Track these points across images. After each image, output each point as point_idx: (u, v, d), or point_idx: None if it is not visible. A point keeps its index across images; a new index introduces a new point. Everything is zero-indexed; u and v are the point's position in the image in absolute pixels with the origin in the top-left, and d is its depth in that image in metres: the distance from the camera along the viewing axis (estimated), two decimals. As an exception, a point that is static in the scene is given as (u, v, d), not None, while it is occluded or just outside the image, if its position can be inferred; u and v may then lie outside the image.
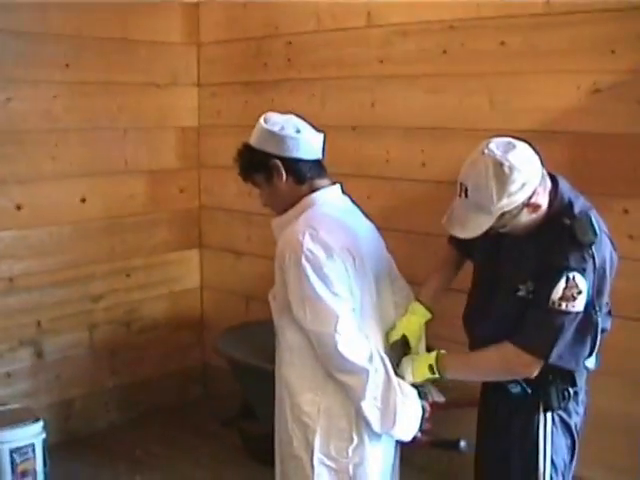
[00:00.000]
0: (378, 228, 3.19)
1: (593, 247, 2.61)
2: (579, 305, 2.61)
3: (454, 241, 3.02)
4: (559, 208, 2.68)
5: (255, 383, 4.52)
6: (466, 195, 2.59)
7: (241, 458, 5.01)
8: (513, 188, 2.52)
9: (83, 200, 5.08)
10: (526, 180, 2.54)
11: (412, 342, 3.01)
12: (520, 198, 2.56)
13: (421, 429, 2.93)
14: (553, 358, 2.67)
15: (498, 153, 2.54)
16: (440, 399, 3.06)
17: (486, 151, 2.56)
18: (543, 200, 2.66)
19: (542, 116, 4.07)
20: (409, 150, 4.58)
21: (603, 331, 2.87)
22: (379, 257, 3.03)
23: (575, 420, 2.97)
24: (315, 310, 2.71)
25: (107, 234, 5.27)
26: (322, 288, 2.69)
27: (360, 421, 2.83)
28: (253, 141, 2.91)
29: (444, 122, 4.39)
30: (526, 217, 2.64)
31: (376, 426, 2.82)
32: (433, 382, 3.01)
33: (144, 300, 5.59)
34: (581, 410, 3.00)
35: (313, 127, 2.96)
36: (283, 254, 2.77)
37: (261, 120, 2.89)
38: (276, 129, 2.85)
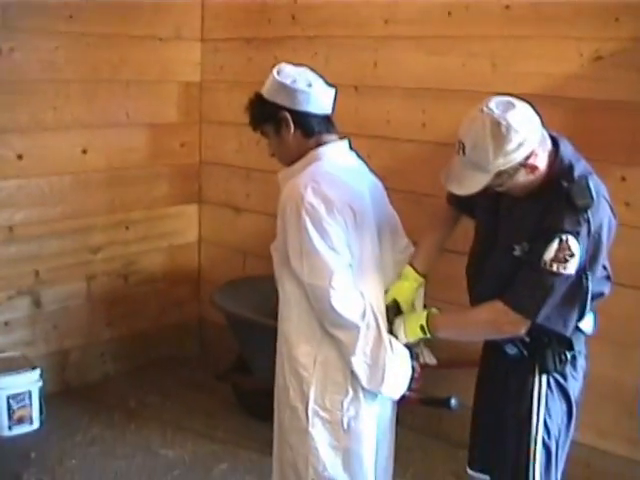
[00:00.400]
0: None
1: (589, 211, 2.60)
2: (570, 268, 2.61)
3: (453, 199, 3.02)
4: (559, 171, 2.68)
5: (250, 337, 4.57)
6: (464, 153, 2.58)
7: (234, 411, 5.07)
8: (510, 147, 2.52)
9: (84, 151, 5.08)
10: (523, 140, 2.54)
11: (403, 307, 3.02)
12: (517, 158, 2.55)
13: (410, 388, 2.96)
14: (540, 318, 2.67)
15: (497, 112, 2.53)
16: (432, 361, 3.07)
17: (485, 109, 2.55)
18: (542, 162, 2.65)
19: (544, 81, 4.07)
20: (410, 111, 4.59)
21: (601, 295, 2.90)
22: (382, 213, 3.04)
23: (572, 385, 2.98)
24: (312, 263, 2.74)
25: (107, 186, 5.29)
26: (320, 242, 2.71)
27: (355, 375, 2.86)
28: (265, 91, 2.91)
29: (446, 84, 4.40)
30: (524, 178, 2.64)
31: (364, 382, 2.85)
32: (426, 342, 3.02)
33: (142, 253, 5.62)
34: (579, 375, 3.01)
35: (325, 82, 2.97)
36: (284, 206, 2.79)
37: (274, 71, 2.89)
38: (288, 82, 2.85)
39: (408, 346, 2.93)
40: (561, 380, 2.93)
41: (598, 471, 4.24)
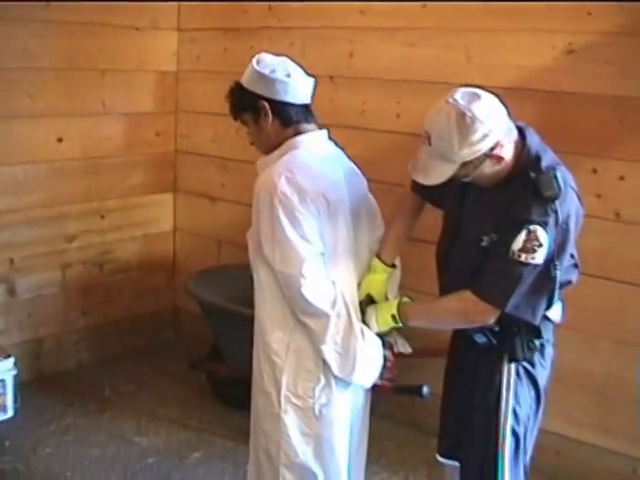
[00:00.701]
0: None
1: (557, 202, 2.62)
2: (538, 258, 2.63)
3: (418, 188, 3.01)
4: (526, 162, 2.70)
5: (224, 325, 4.59)
6: (430, 143, 2.60)
7: (208, 400, 5.08)
8: (475, 138, 2.53)
9: (60, 140, 5.08)
10: (488, 131, 2.55)
11: (377, 299, 3.04)
12: (482, 149, 2.56)
13: (382, 377, 2.99)
14: (509, 307, 2.69)
15: (462, 103, 2.55)
16: (406, 350, 3.10)
17: (450, 100, 2.57)
18: (507, 152, 2.67)
19: (517, 73, 4.11)
20: (385, 102, 4.62)
21: (569, 283, 2.93)
22: (359, 201, 3.05)
23: (541, 373, 3.01)
24: (283, 251, 2.76)
25: (83, 175, 5.28)
26: (292, 231, 2.73)
27: (327, 363, 2.89)
28: (244, 81, 2.93)
29: (421, 75, 4.42)
30: (490, 168, 2.65)
31: (335, 370, 2.87)
32: (399, 331, 3.05)
33: (117, 242, 5.61)
34: (547, 363, 3.04)
35: (305, 72, 2.99)
36: (258, 194, 2.81)
37: (254, 61, 2.91)
38: (267, 71, 2.87)
39: (381, 335, 2.96)
40: (529, 368, 2.96)
41: (568, 458, 4.30)
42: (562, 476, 4.31)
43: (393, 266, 3.12)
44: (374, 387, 3.05)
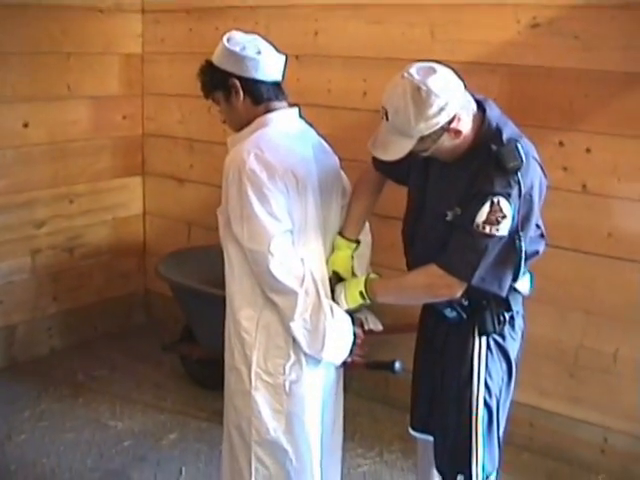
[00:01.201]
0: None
1: (519, 173, 2.62)
2: (503, 229, 2.63)
3: (379, 165, 3.02)
4: (486, 134, 2.70)
5: (195, 307, 4.59)
6: (387, 118, 2.61)
7: (182, 382, 5.09)
8: (431, 112, 2.53)
9: (25, 125, 5.03)
10: (445, 105, 2.55)
11: (344, 276, 3.05)
12: (439, 122, 2.56)
13: (351, 354, 2.99)
14: (475, 280, 2.70)
15: (417, 77, 2.55)
16: (377, 327, 3.10)
17: (406, 75, 2.57)
18: (466, 126, 2.67)
19: (482, 48, 4.12)
20: (351, 80, 4.62)
21: (536, 253, 2.95)
22: (330, 178, 3.05)
23: (511, 345, 3.03)
24: (251, 228, 2.76)
25: (50, 160, 5.24)
26: (260, 208, 2.73)
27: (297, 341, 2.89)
28: (215, 59, 2.92)
29: (386, 52, 4.42)
30: (448, 142, 2.66)
31: (304, 347, 2.88)
32: (369, 308, 3.06)
33: (87, 226, 5.59)
34: (517, 335, 3.06)
35: (276, 50, 2.98)
36: (227, 171, 2.81)
37: (224, 39, 2.91)
38: (237, 49, 2.86)
39: (350, 312, 2.97)
40: (500, 341, 2.98)
41: (540, 430, 4.35)
42: (535, 447, 4.37)
43: (357, 242, 3.12)
44: (346, 364, 3.06)
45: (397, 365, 3.41)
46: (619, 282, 4.00)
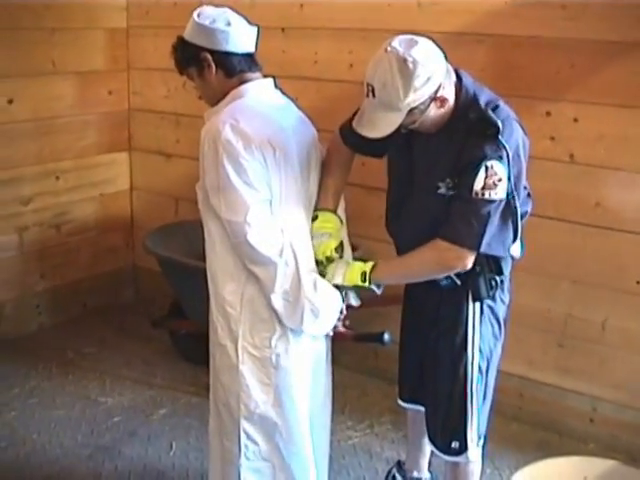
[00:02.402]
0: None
1: (504, 135, 2.66)
2: (501, 192, 2.67)
3: (350, 140, 3.02)
4: (465, 102, 2.73)
5: (184, 281, 4.59)
6: (374, 95, 2.61)
7: (171, 358, 5.12)
8: (418, 83, 2.55)
9: (10, 101, 5.00)
10: (431, 74, 2.57)
11: (333, 233, 3.01)
12: (427, 92, 2.58)
13: (334, 328, 3.02)
14: (483, 247, 2.74)
15: (401, 50, 2.56)
16: (356, 302, 3.07)
17: (389, 48, 2.58)
18: (450, 94, 2.70)
19: (468, 18, 4.11)
20: (337, 51, 4.60)
21: (526, 213, 2.98)
22: (308, 148, 3.04)
23: (501, 307, 3.09)
24: (228, 199, 2.76)
25: (35, 136, 5.22)
26: (236, 178, 2.73)
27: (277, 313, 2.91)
28: (186, 34, 2.93)
29: (372, 24, 4.40)
30: (435, 112, 2.68)
31: (284, 319, 2.90)
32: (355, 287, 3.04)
33: (74, 202, 5.58)
34: (507, 298, 3.11)
35: (247, 21, 2.97)
36: (203, 143, 2.82)
37: (195, 14, 2.90)
38: (207, 22, 2.86)
39: (337, 285, 2.96)
40: (492, 305, 3.04)
41: (530, 400, 4.39)
42: (525, 417, 4.40)
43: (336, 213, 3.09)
44: (334, 336, 3.07)
45: (386, 336, 3.44)
46: (607, 251, 4.02)
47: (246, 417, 3.02)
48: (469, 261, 2.78)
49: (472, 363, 3.04)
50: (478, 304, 3.00)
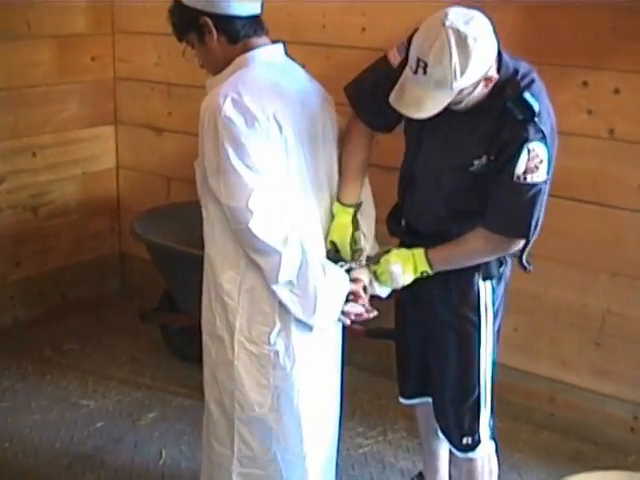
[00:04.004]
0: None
1: (539, 117, 2.70)
2: (543, 174, 2.73)
3: (368, 118, 3.06)
4: (504, 78, 2.74)
5: (176, 270, 4.58)
6: (424, 72, 2.59)
7: (161, 355, 5.13)
8: (475, 62, 2.55)
9: (-20, 68, 5.01)
10: (486, 52, 2.59)
11: (341, 248, 3.08)
12: (481, 72, 2.61)
13: (344, 314, 3.01)
14: (532, 233, 2.84)
15: (460, 24, 2.55)
16: (384, 293, 3.14)
17: (447, 22, 2.56)
18: (495, 73, 2.71)
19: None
20: (348, 14, 4.58)
21: None
22: (320, 121, 3.02)
23: (502, 286, 3.17)
24: (228, 183, 2.74)
25: (9, 107, 5.20)
26: (237, 160, 2.71)
27: (284, 306, 2.90)
28: None
29: (388, -17, 4.39)
30: (479, 91, 2.70)
31: (294, 312, 2.90)
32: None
33: (53, 182, 5.57)
34: (507, 274, 3.18)
35: None
36: (203, 119, 2.79)
37: None
38: None
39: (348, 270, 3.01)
40: (496, 284, 3.13)
41: (562, 405, 4.37)
42: (556, 425, 4.39)
43: (357, 205, 3.12)
44: (344, 330, 3.07)
45: (402, 333, 3.42)
46: (651, 240, 4.00)
47: (241, 418, 3.02)
48: (522, 243, 2.89)
49: (485, 347, 3.13)
50: (489, 283, 3.08)
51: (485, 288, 3.07)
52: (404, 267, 3.00)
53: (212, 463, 3.19)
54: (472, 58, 2.54)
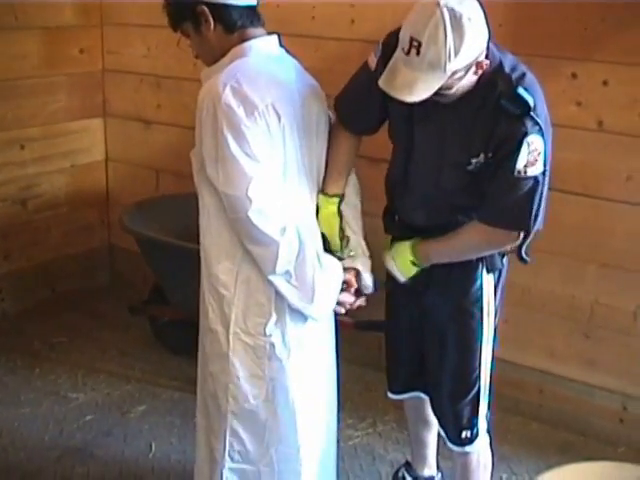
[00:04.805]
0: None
1: (535, 110, 2.68)
2: (541, 166, 2.71)
3: (354, 124, 3.07)
4: (491, 68, 2.72)
5: (166, 263, 4.57)
6: (418, 52, 2.56)
7: (151, 348, 5.12)
8: (469, 43, 2.53)
9: (-33, 60, 4.99)
10: (479, 34, 2.57)
11: (330, 238, 3.08)
12: (474, 54, 2.58)
13: (339, 304, 3.04)
14: (532, 226, 2.82)
15: (455, 3, 2.52)
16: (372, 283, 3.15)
17: (442, 2, 2.52)
18: (485, 59, 2.68)
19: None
20: (337, 5, 4.57)
21: None
22: (315, 113, 3.02)
23: (502, 277, 3.17)
24: (227, 171, 2.74)
25: (-4, 99, 5.20)
26: (236, 148, 2.71)
27: (280, 297, 2.91)
28: None
29: (377, -26, 4.38)
30: (469, 78, 2.67)
31: (292, 301, 2.90)
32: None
33: (42, 175, 5.56)
34: (505, 265, 3.16)
35: None
36: (201, 106, 2.78)
37: None
38: None
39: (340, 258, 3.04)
40: (497, 276, 3.13)
41: (551, 397, 4.38)
42: (546, 416, 4.40)
43: (340, 196, 3.11)
44: (337, 321, 3.07)
45: (392, 324, 3.41)
46: (639, 231, 4.00)
47: (234, 412, 3.02)
48: (520, 237, 2.87)
49: (487, 340, 3.13)
50: (492, 276, 3.08)
51: (488, 281, 3.07)
52: (400, 261, 3.05)
53: (205, 457, 3.19)
54: (466, 39, 2.52)
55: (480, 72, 2.68)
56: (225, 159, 2.73)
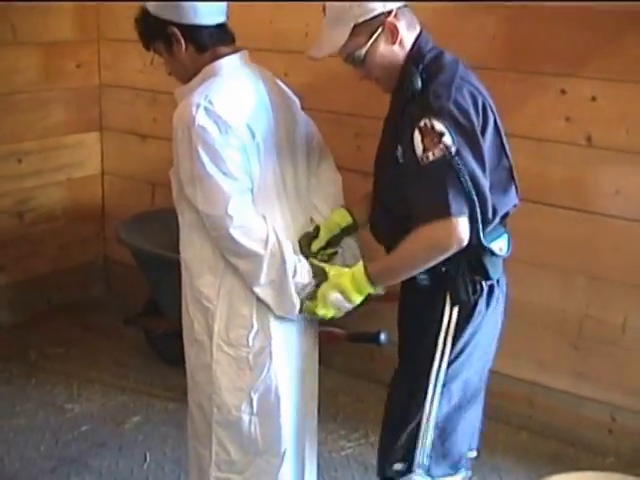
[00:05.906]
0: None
1: (426, 94, 2.64)
2: (448, 143, 2.57)
3: None
4: (414, 57, 2.74)
5: (161, 275, 4.58)
6: (325, 13, 2.73)
7: (146, 359, 5.12)
8: None
9: (-35, 74, 5.00)
10: None
11: (321, 234, 3.05)
12: (375, 9, 2.63)
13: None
14: (454, 209, 2.59)
15: None
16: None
17: None
18: (405, 35, 2.72)
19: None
20: (331, 22, 4.57)
21: (514, 206, 2.89)
22: (293, 130, 3.05)
23: (491, 318, 2.96)
24: (206, 191, 2.76)
25: (-7, 114, 5.21)
26: (212, 167, 2.73)
27: (262, 307, 2.91)
28: (150, 6, 2.89)
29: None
30: (384, 47, 2.70)
31: (276, 309, 2.90)
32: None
33: (38, 188, 5.56)
34: (500, 307, 3.00)
35: None
36: (176, 129, 2.79)
37: None
38: None
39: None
40: (472, 313, 2.88)
41: (540, 408, 4.39)
42: (534, 426, 4.41)
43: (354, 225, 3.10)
44: (326, 336, 3.07)
45: (382, 336, 3.43)
46: (627, 245, 4.02)
47: (218, 422, 3.03)
48: (460, 232, 2.61)
49: (437, 376, 2.90)
50: (456, 309, 2.83)
51: (450, 315, 2.82)
52: (345, 291, 2.82)
53: (195, 466, 3.20)
54: None
55: (397, 43, 2.70)
56: (202, 179, 2.75)
